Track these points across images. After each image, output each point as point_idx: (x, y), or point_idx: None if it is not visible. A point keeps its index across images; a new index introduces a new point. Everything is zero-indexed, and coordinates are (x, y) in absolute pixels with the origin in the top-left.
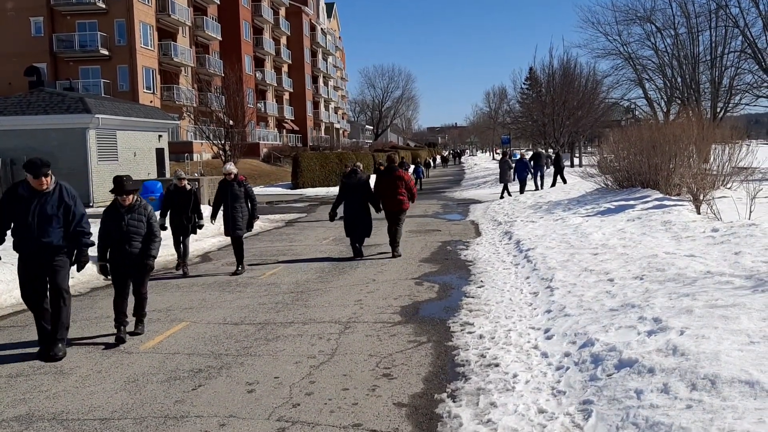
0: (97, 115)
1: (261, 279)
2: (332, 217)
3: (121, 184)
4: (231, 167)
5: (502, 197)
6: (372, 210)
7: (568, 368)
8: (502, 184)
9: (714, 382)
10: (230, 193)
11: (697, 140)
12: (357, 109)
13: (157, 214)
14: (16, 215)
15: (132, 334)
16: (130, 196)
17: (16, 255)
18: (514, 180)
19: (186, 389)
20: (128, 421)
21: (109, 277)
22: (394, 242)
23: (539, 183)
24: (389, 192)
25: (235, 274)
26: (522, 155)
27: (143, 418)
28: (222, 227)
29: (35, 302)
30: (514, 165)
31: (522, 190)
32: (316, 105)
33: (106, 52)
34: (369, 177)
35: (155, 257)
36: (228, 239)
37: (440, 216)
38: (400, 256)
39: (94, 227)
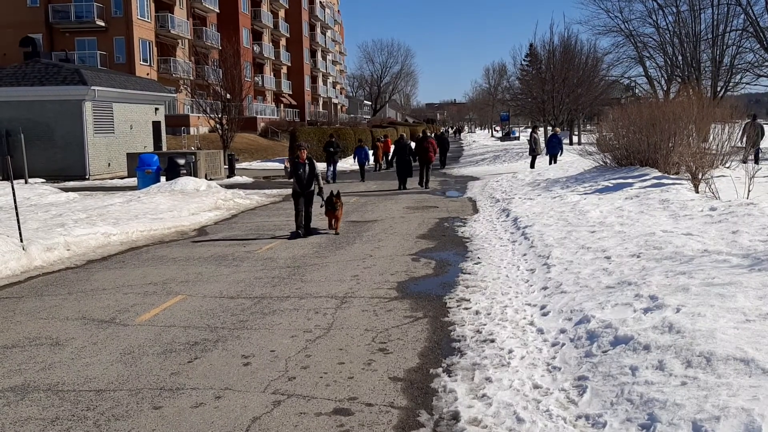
0: (93, 87)
1: (258, 253)
2: (389, 165)
3: None
4: None
5: (552, 163)
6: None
7: (563, 344)
8: (550, 155)
9: (709, 359)
10: None
11: (696, 119)
12: (355, 84)
13: None
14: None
15: None
16: None
17: None
18: (543, 153)
19: (182, 362)
20: (123, 393)
21: None
22: (426, 181)
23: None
24: (423, 151)
25: None
26: (555, 131)
27: (138, 390)
28: None
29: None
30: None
31: (551, 162)
32: (314, 79)
33: (103, 24)
34: (409, 142)
35: None
36: (226, 212)
37: (438, 192)
38: (428, 189)
39: None
